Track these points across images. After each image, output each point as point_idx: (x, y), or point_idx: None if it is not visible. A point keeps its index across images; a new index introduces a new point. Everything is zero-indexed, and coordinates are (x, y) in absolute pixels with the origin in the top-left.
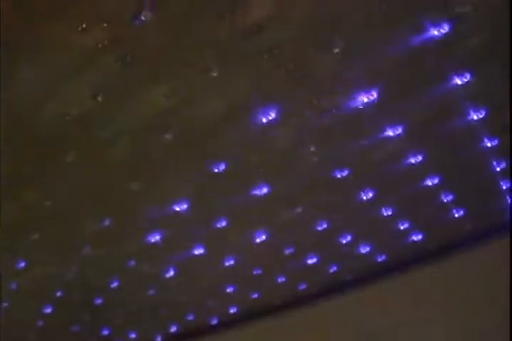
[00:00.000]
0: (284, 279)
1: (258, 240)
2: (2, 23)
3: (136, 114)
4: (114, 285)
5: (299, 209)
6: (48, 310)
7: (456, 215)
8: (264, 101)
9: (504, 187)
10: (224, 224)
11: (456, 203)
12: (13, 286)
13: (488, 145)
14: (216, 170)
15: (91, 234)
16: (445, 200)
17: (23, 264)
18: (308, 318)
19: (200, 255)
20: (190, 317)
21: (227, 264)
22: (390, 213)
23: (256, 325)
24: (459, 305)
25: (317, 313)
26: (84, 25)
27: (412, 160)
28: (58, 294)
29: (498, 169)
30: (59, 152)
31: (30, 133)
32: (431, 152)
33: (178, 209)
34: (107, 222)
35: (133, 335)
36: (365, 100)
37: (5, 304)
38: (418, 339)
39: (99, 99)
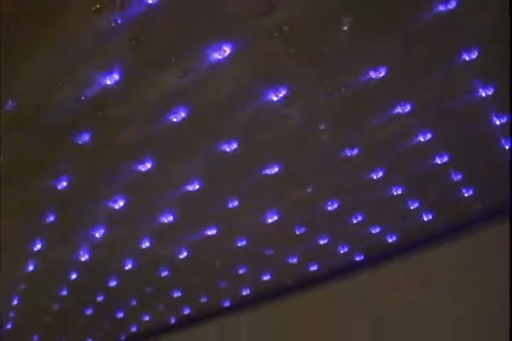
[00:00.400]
0: (295, 260)
1: (270, 220)
2: (3, 22)
3: (149, 94)
4: (128, 267)
5: (310, 189)
6: (64, 293)
7: (466, 195)
8: (275, 80)
9: None
10: (236, 204)
11: (466, 182)
12: (29, 269)
13: (497, 122)
14: (228, 150)
15: (104, 216)
16: (454, 179)
17: (38, 247)
18: (319, 299)
19: (213, 236)
20: (204, 299)
21: (239, 245)
22: (399, 192)
23: (268, 307)
24: (470, 284)
25: (328, 294)
26: (98, 6)
27: (421, 138)
28: (73, 277)
29: (507, 147)
30: (72, 134)
31: (43, 116)
32: (440, 130)
33: (190, 189)
34: (120, 204)
35: (147, 318)
36: (375, 78)
37: (21, 287)
38: (428, 319)
39: (113, 79)
